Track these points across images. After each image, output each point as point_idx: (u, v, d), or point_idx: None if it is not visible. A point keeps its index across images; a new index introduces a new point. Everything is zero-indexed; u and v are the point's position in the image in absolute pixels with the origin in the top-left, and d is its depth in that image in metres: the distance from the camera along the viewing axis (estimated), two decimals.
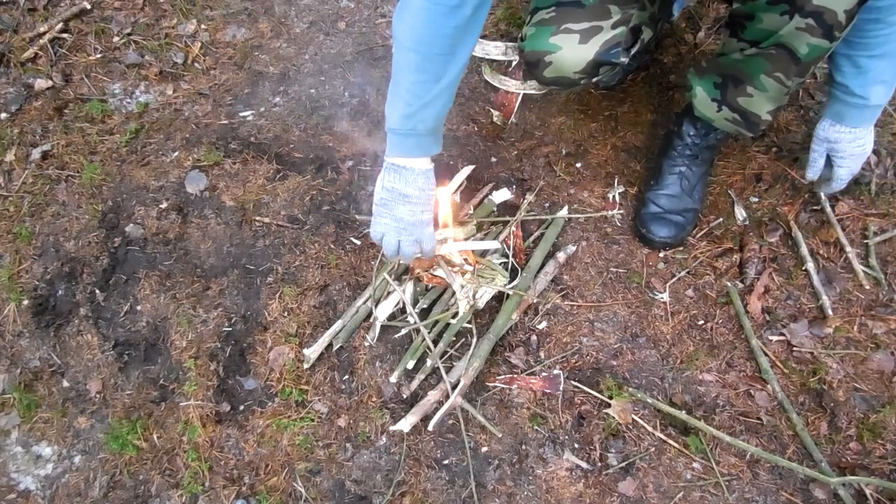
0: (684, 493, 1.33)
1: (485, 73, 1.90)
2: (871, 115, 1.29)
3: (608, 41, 1.35)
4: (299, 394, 1.49)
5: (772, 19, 1.14)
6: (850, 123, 1.31)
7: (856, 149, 1.35)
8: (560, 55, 1.36)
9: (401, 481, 1.39)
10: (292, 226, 1.71)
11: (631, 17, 1.37)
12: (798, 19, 1.09)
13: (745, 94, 1.32)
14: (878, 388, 1.40)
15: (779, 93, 1.27)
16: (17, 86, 2.01)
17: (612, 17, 1.35)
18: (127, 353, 1.60)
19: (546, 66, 1.39)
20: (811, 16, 1.08)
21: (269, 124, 1.89)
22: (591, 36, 1.35)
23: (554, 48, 1.36)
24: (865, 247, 1.55)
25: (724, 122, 1.44)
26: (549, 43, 1.36)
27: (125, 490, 1.46)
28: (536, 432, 1.41)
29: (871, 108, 1.27)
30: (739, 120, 1.39)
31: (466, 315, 1.48)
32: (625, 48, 1.37)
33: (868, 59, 1.20)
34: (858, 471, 1.31)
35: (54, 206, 1.81)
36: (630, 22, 1.37)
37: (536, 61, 1.40)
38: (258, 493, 1.41)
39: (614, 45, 1.36)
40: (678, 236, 1.57)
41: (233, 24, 2.11)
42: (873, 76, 1.22)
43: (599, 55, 1.36)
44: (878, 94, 1.25)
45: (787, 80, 1.23)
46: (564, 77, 1.41)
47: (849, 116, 1.30)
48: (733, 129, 1.45)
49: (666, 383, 1.45)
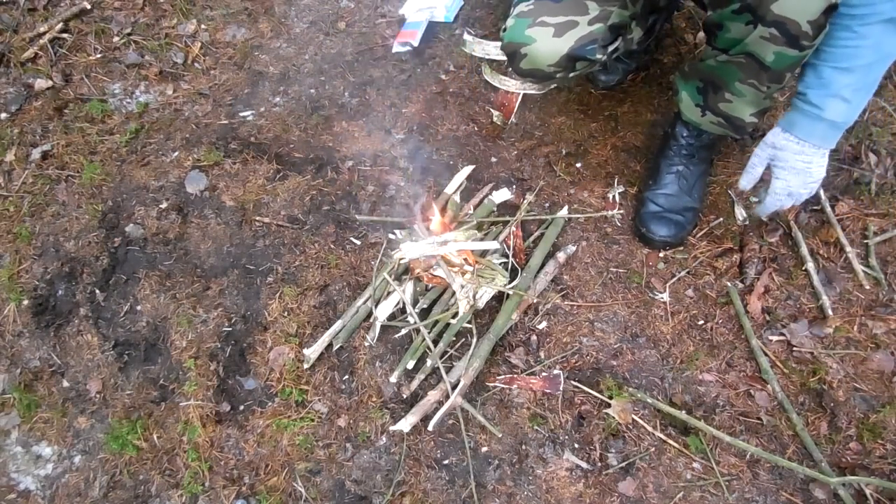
0: (684, 493, 1.33)
1: (485, 73, 1.90)
2: (823, 130, 1.19)
3: (584, 37, 1.36)
4: (299, 394, 1.49)
5: (738, 28, 1.15)
6: (799, 133, 1.22)
7: (798, 163, 1.24)
8: (534, 47, 1.37)
9: (401, 481, 1.39)
10: (292, 226, 1.71)
11: (610, 14, 1.37)
12: (761, 28, 1.10)
13: (725, 100, 1.33)
14: (878, 388, 1.40)
15: (756, 97, 1.28)
16: (17, 86, 2.02)
17: (588, 13, 1.36)
18: (127, 353, 1.60)
19: (522, 57, 1.40)
20: (773, 25, 1.08)
21: (269, 124, 1.89)
22: (566, 30, 1.36)
23: (529, 40, 1.37)
24: (865, 247, 1.55)
25: (711, 126, 1.45)
26: (524, 35, 1.37)
27: (125, 490, 1.46)
28: (536, 432, 1.41)
29: (825, 123, 1.18)
30: (724, 123, 1.40)
31: (466, 315, 1.48)
32: (602, 45, 1.37)
33: (832, 70, 1.13)
34: (858, 471, 1.31)
35: (54, 206, 1.81)
36: (609, 19, 1.37)
37: (513, 52, 1.41)
38: (258, 493, 1.41)
39: (590, 42, 1.36)
40: (678, 235, 1.57)
41: (233, 24, 2.11)
42: (834, 89, 1.14)
43: (574, 50, 1.36)
44: (835, 109, 1.16)
45: (762, 87, 1.23)
46: (539, 69, 1.42)
47: (800, 126, 1.21)
48: (721, 132, 1.46)
49: (666, 383, 1.45)
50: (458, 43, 1.98)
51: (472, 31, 1.93)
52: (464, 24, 2.02)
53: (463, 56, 1.96)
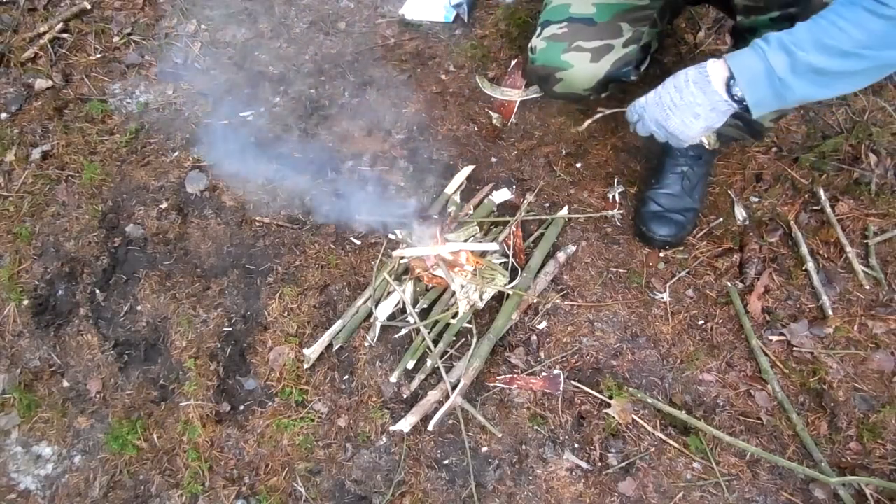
0: (684, 493, 1.33)
1: (482, 86, 1.89)
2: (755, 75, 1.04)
3: (619, 59, 1.37)
4: (299, 394, 1.49)
5: None
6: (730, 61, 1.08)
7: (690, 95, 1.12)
8: (571, 73, 1.38)
9: (401, 481, 1.39)
10: (292, 226, 1.71)
11: (642, 34, 1.38)
12: None
13: None
14: (878, 388, 1.40)
15: None
16: (17, 86, 2.02)
17: (623, 35, 1.36)
18: (127, 353, 1.60)
19: (557, 81, 1.42)
20: None
21: (269, 124, 1.89)
22: (603, 55, 1.36)
23: (566, 65, 1.38)
24: (865, 247, 1.55)
25: (728, 129, 1.43)
26: (560, 60, 1.38)
27: (125, 490, 1.46)
28: (536, 432, 1.41)
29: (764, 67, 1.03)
30: (743, 127, 1.39)
31: (466, 315, 1.48)
32: (635, 66, 1.39)
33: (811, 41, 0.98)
34: (858, 471, 1.31)
35: (54, 206, 1.81)
36: (641, 40, 1.38)
37: (547, 76, 1.42)
38: (258, 493, 1.41)
39: (625, 64, 1.37)
40: (678, 235, 1.57)
41: (233, 24, 2.11)
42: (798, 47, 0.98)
43: (610, 74, 1.37)
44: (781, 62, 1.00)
45: None
46: (573, 93, 1.44)
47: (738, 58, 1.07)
48: (737, 135, 1.45)
49: (666, 383, 1.45)
50: (458, 44, 1.98)
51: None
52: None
53: (463, 56, 1.96)
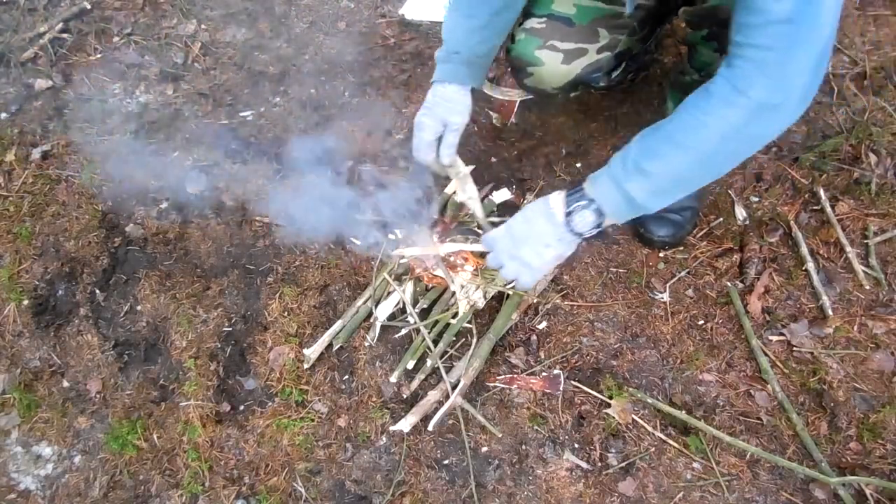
0: (684, 493, 1.33)
1: (484, 87, 1.89)
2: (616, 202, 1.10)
3: (591, 65, 1.38)
4: (299, 394, 1.49)
5: (708, 53, 1.19)
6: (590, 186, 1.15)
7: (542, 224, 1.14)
8: (542, 70, 1.39)
9: (401, 481, 1.39)
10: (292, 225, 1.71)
11: (618, 42, 1.38)
12: None
13: None
14: (878, 388, 1.40)
15: None
16: (17, 86, 2.02)
17: (599, 40, 1.37)
18: (127, 353, 1.60)
19: (528, 75, 1.43)
20: None
21: (269, 124, 1.89)
22: (575, 58, 1.37)
23: (538, 61, 1.38)
24: (865, 247, 1.55)
25: None
26: (533, 55, 1.38)
27: (125, 490, 1.46)
28: (536, 432, 1.41)
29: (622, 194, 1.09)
30: None
31: (466, 315, 1.48)
32: (605, 72, 1.40)
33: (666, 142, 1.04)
34: (858, 471, 1.31)
35: (54, 206, 1.81)
36: (616, 48, 1.38)
37: (520, 68, 1.43)
38: (258, 493, 1.41)
39: (596, 70, 1.39)
40: (677, 235, 1.57)
41: (233, 24, 2.11)
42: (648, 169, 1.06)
43: (579, 77, 1.39)
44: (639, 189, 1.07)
45: None
46: (542, 89, 1.46)
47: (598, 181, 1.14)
48: None
49: (666, 383, 1.45)
50: None
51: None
52: None
53: None
